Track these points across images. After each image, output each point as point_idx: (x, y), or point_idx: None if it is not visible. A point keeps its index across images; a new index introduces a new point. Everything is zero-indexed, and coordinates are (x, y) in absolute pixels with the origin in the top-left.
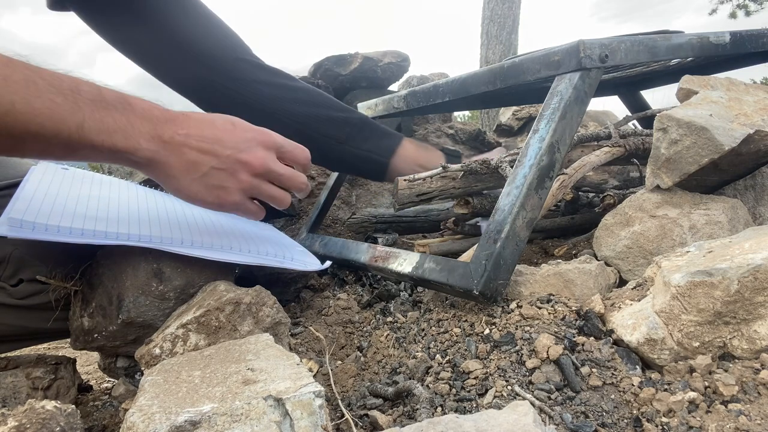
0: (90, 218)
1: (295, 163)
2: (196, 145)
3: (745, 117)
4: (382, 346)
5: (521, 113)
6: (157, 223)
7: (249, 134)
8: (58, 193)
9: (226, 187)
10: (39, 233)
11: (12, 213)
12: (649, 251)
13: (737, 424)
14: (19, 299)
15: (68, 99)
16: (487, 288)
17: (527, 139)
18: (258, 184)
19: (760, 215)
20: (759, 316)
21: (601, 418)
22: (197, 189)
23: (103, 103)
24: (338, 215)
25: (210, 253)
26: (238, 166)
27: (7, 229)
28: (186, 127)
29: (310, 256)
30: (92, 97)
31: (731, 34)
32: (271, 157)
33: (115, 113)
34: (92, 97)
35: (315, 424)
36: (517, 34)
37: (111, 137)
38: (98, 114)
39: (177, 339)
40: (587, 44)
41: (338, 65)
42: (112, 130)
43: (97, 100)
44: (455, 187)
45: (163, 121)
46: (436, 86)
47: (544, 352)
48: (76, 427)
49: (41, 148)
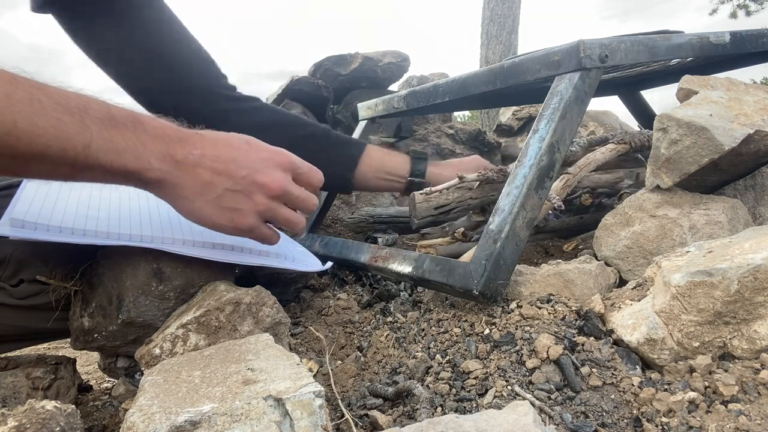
0: (91, 218)
1: (309, 185)
2: (211, 165)
3: (745, 117)
4: (382, 346)
5: (521, 113)
6: (158, 224)
7: (265, 154)
8: (58, 193)
9: (241, 210)
10: (41, 233)
11: (14, 213)
12: (649, 251)
13: (737, 424)
14: (19, 299)
15: (75, 117)
16: (487, 288)
17: (527, 139)
18: (275, 207)
19: (760, 215)
20: (759, 316)
21: (601, 418)
22: (211, 211)
23: (113, 121)
24: (338, 215)
25: (211, 254)
26: (254, 187)
27: (9, 229)
28: (200, 147)
29: (311, 257)
30: (101, 115)
31: (731, 34)
32: (288, 179)
33: (125, 132)
34: (101, 115)
35: (315, 424)
36: (517, 34)
37: (120, 157)
38: (107, 133)
39: (177, 339)
40: (587, 44)
41: (338, 65)
42: (122, 150)
43: (105, 118)
44: (472, 197)
45: (175, 141)
46: (436, 86)
47: (544, 352)
48: (76, 427)
49: (47, 170)
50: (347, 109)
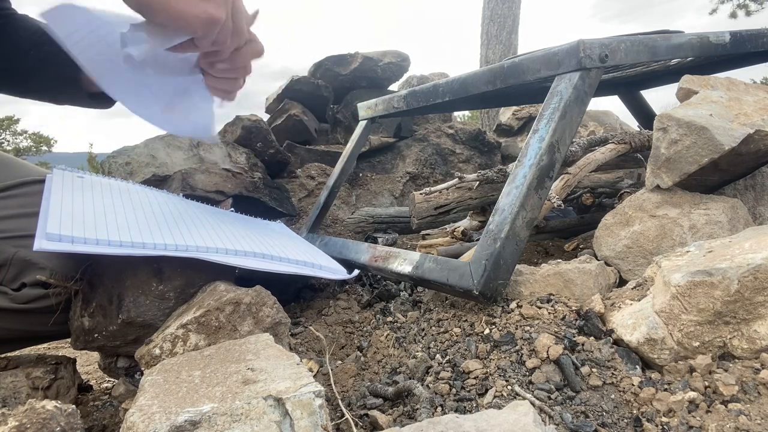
0: (123, 228)
1: None
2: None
3: (745, 117)
4: (382, 346)
5: (521, 113)
6: (187, 232)
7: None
8: (83, 203)
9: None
10: (78, 246)
11: (48, 228)
12: (649, 251)
13: (737, 423)
14: (21, 304)
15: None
16: (487, 288)
17: (527, 139)
18: None
19: (760, 215)
20: (759, 315)
21: (601, 417)
22: None
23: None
24: (338, 215)
25: (244, 261)
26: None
27: (47, 243)
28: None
29: (333, 262)
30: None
31: (731, 34)
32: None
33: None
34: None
35: (315, 424)
36: (517, 34)
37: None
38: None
39: (177, 339)
40: (587, 44)
41: (338, 65)
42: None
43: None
44: (472, 197)
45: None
46: (436, 86)
47: (544, 352)
48: (76, 427)
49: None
50: (347, 109)
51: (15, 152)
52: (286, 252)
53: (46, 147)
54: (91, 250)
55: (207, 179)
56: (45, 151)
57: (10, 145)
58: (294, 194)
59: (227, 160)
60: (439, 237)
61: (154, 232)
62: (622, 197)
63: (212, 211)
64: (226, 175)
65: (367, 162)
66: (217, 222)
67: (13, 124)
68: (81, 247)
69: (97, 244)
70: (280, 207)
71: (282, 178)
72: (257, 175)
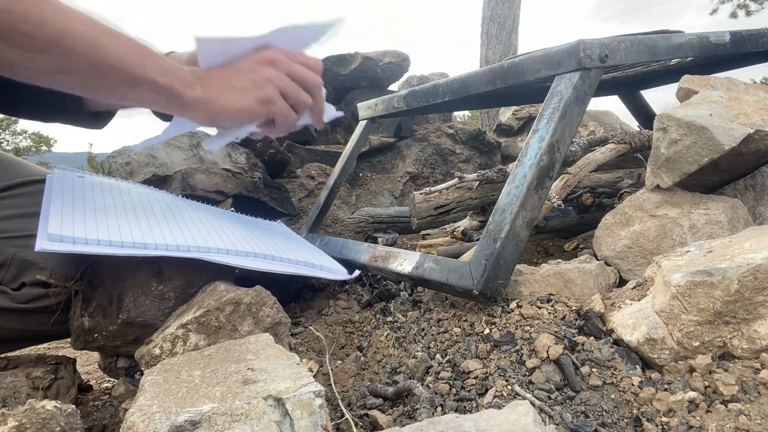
0: (124, 228)
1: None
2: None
3: (745, 117)
4: (382, 345)
5: (521, 113)
6: (188, 233)
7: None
8: (84, 203)
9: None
10: (79, 246)
11: (50, 228)
12: (649, 251)
13: (737, 423)
14: (21, 303)
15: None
16: (487, 288)
17: (527, 139)
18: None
19: (760, 215)
20: (759, 315)
21: (601, 417)
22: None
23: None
24: (338, 215)
25: (245, 262)
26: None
27: (48, 243)
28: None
29: (333, 262)
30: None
31: (731, 34)
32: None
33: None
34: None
35: (315, 424)
36: (517, 34)
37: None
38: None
39: (177, 339)
40: (587, 44)
41: (338, 65)
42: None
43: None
44: (472, 197)
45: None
46: (436, 86)
47: (544, 352)
48: (76, 427)
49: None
50: (347, 109)
51: (15, 152)
52: (286, 252)
53: (46, 147)
54: (92, 251)
55: (207, 179)
56: (45, 150)
57: (9, 145)
58: (294, 194)
59: (227, 160)
60: (439, 237)
61: (154, 232)
62: (622, 197)
63: (212, 211)
64: (226, 175)
65: (367, 162)
66: (217, 222)
67: (13, 124)
68: (82, 247)
69: (98, 245)
70: (280, 207)
71: (282, 178)
72: (257, 175)
